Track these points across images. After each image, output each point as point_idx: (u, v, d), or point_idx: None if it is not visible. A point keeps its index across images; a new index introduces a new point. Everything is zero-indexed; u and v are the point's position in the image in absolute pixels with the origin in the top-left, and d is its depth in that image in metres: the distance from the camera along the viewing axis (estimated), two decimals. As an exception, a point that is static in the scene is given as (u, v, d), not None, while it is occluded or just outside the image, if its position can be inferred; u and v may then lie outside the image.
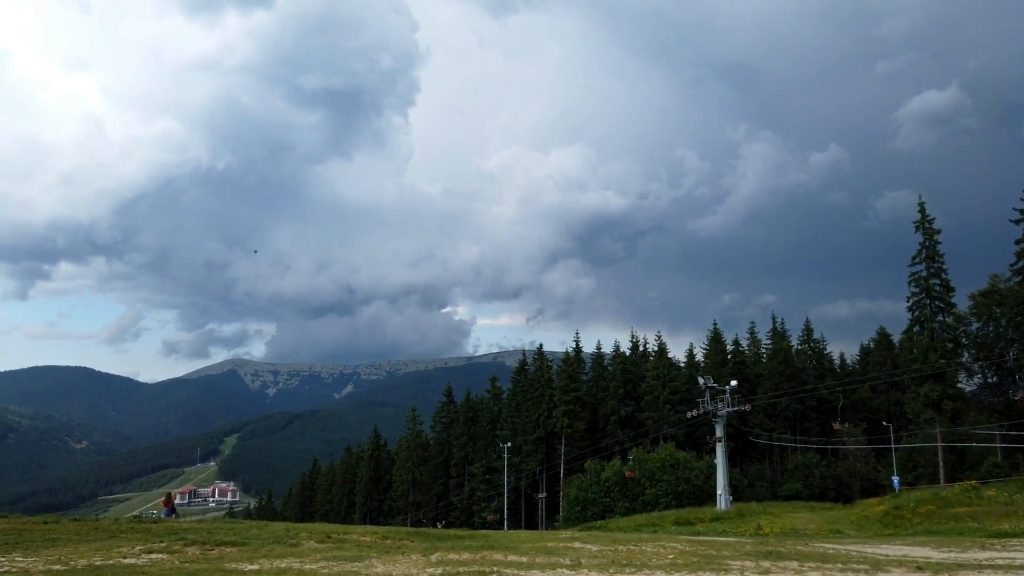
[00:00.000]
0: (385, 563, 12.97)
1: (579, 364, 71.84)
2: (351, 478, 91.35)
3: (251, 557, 13.08)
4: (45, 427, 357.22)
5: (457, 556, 14.26)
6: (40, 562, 11.24)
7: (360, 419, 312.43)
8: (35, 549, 12.90)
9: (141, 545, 13.75)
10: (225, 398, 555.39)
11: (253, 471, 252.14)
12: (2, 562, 11.24)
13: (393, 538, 17.95)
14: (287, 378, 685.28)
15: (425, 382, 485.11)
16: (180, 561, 12.27)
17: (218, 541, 14.87)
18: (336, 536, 17.52)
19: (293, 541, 15.83)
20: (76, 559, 11.66)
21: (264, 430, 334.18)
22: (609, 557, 15.04)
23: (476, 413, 76.83)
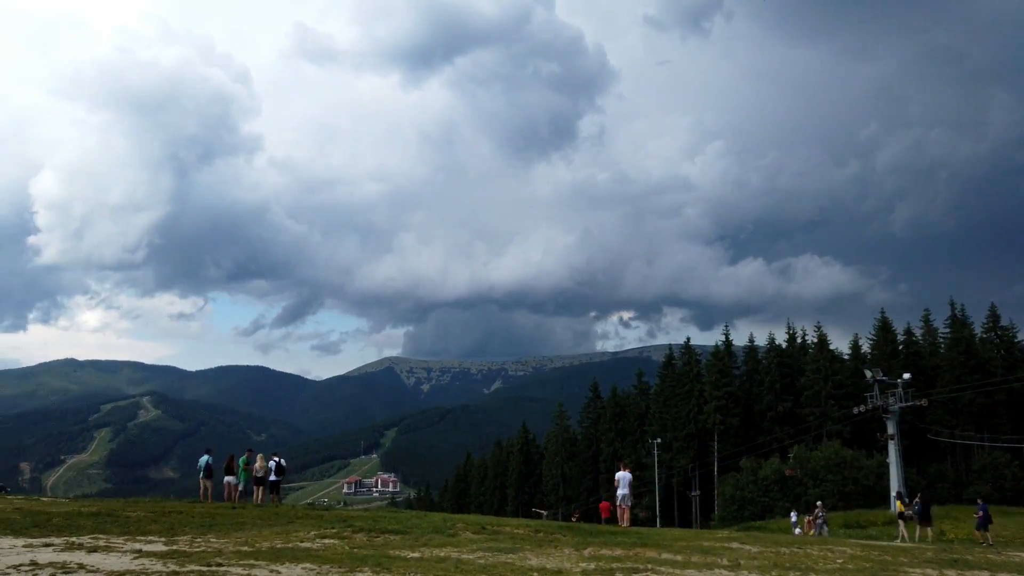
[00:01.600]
0: (538, 556, 13.12)
1: (730, 358, 69.07)
2: (502, 471, 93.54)
3: (412, 545, 13.71)
4: (230, 420, 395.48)
5: (610, 552, 14.16)
6: (230, 543, 12.42)
7: (509, 414, 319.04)
8: (225, 532, 14.29)
9: (315, 531, 14.83)
10: (384, 394, 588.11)
11: (411, 463, 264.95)
12: (199, 543, 12.55)
13: (545, 531, 18.14)
14: (439, 374, 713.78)
15: (571, 378, 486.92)
16: (350, 547, 13.10)
17: (382, 529, 15.72)
18: (491, 527, 17.97)
19: (451, 531, 16.41)
20: (260, 542, 12.78)
21: (420, 424, 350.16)
22: (771, 559, 14.31)
23: (623, 408, 76.06)
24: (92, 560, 9.87)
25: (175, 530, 14.24)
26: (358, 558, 11.39)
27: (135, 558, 10.27)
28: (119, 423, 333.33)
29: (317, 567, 10.19)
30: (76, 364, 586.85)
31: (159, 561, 10.03)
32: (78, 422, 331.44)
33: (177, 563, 9.88)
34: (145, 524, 15.02)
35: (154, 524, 15.16)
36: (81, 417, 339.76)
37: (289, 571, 9.74)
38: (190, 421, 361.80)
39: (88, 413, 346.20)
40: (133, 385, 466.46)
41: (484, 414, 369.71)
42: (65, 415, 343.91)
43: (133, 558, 10.26)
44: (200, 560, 10.24)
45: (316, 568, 10.12)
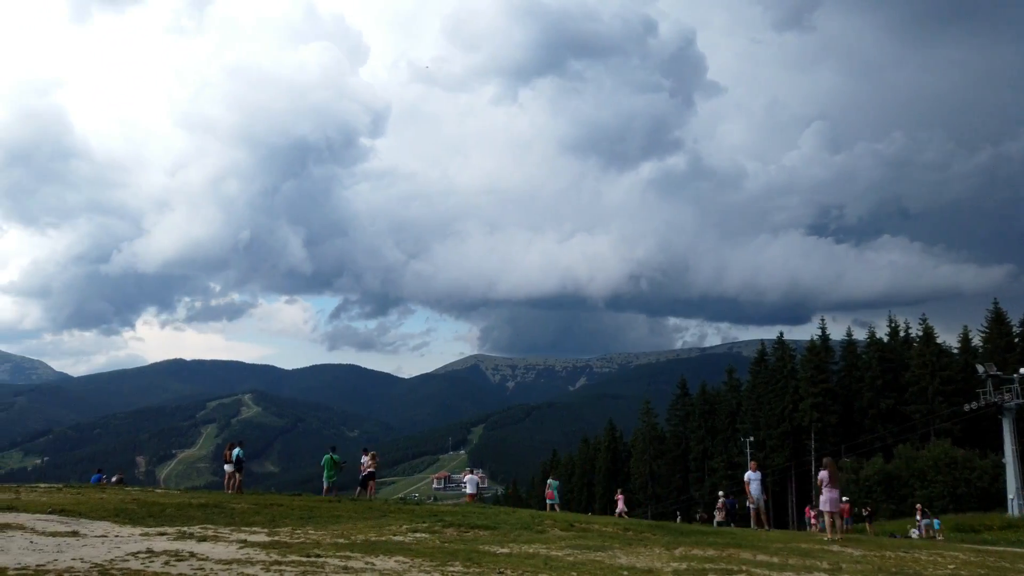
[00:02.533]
0: (628, 554, 12.96)
1: (827, 353, 66.15)
2: (589, 469, 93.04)
3: (502, 541, 13.82)
4: (325, 417, 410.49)
5: (702, 552, 13.83)
6: (327, 535, 12.88)
7: (594, 411, 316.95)
8: (323, 524, 14.83)
9: (407, 524, 15.18)
10: (470, 391, 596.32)
11: (498, 459, 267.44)
12: (299, 534, 13.07)
13: (635, 530, 17.91)
14: (524, 372, 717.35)
15: (658, 374, 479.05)
16: (440, 541, 13.33)
17: (472, 524, 15.92)
18: (579, 525, 17.90)
19: (539, 528, 16.44)
20: (355, 535, 13.19)
21: (506, 421, 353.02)
22: (875, 563, 13.61)
23: (713, 406, 74.19)
24: (202, 549, 10.45)
25: (276, 522, 14.89)
26: (449, 552, 11.57)
27: (240, 548, 10.80)
28: (224, 419, 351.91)
29: (410, 560, 10.42)
30: (184, 364, 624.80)
31: (262, 551, 10.51)
32: (187, 418, 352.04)
33: (279, 553, 10.33)
34: (249, 515, 15.79)
35: (257, 516, 15.92)
36: (190, 414, 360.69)
37: (383, 563, 10.00)
38: (288, 418, 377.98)
39: (196, 410, 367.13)
40: (235, 384, 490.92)
41: (569, 411, 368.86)
42: (175, 412, 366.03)
43: (239, 548, 10.80)
44: (300, 551, 10.67)
45: (409, 561, 10.34)
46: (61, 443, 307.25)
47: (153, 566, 8.83)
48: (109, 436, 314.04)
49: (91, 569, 8.37)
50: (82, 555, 9.35)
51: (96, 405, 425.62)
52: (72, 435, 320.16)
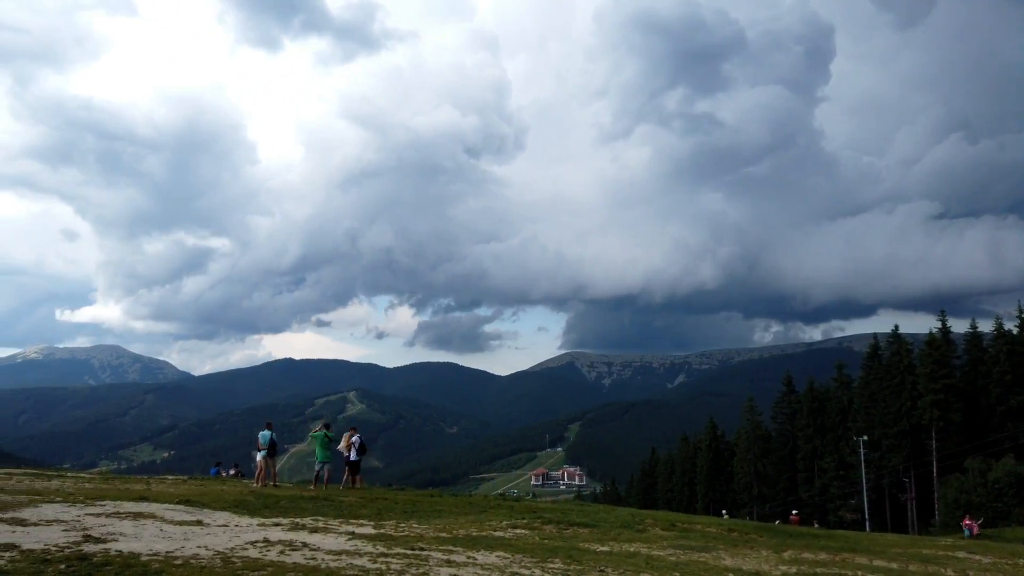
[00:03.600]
0: (733, 556, 12.58)
1: (948, 347, 61.73)
2: (690, 468, 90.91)
3: (601, 539, 13.72)
4: (425, 414, 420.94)
5: (813, 556, 13.23)
6: (430, 529, 13.19)
7: (694, 409, 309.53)
8: (426, 518, 15.20)
9: (507, 520, 15.33)
10: (565, 388, 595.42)
11: (596, 457, 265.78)
12: (403, 528, 13.45)
13: (740, 531, 17.36)
14: (620, 369, 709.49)
15: (761, 371, 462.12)
16: (540, 537, 13.38)
17: (571, 522, 15.90)
18: (681, 525, 17.52)
19: (639, 527, 16.22)
20: (456, 529, 13.44)
21: (603, 418, 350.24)
22: (1008, 573, 12.61)
23: (822, 403, 70.75)
24: (313, 540, 10.94)
25: (382, 515, 15.39)
26: (549, 549, 11.60)
27: (349, 539, 11.23)
28: (330, 416, 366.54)
29: (511, 556, 10.52)
30: (293, 364, 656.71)
31: (369, 543, 10.89)
32: (297, 415, 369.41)
33: (385, 545, 10.67)
34: (356, 509, 16.40)
35: (363, 509, 16.51)
36: (299, 411, 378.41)
37: (485, 558, 10.14)
38: (390, 414, 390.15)
39: (305, 407, 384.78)
40: (341, 382, 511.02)
41: (668, 409, 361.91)
42: (286, 409, 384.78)
43: (347, 539, 11.23)
44: (405, 544, 10.98)
45: (510, 556, 10.44)
46: (186, 438, 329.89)
47: (270, 555, 9.31)
48: (227, 432, 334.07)
49: (214, 556, 8.93)
50: (206, 543, 9.99)
51: (215, 403, 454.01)
52: (195, 430, 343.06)
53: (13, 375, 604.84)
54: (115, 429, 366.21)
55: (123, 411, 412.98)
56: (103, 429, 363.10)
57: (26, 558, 8.11)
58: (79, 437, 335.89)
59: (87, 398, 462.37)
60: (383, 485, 31.97)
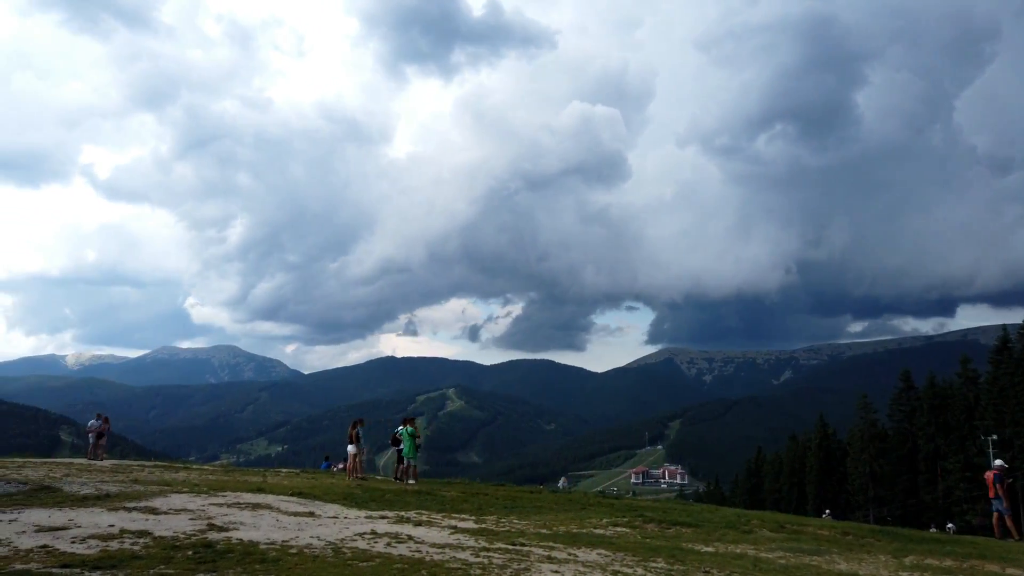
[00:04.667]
0: (848, 560, 11.96)
1: (1089, 338, 56.32)
2: (799, 468, 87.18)
3: (705, 539, 13.37)
4: (523, 411, 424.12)
5: (937, 562, 12.39)
6: (531, 525, 13.27)
7: (801, 406, 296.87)
8: (526, 514, 15.30)
9: (607, 518, 15.20)
10: (664, 385, 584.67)
11: (698, 455, 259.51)
12: (504, 523, 13.58)
13: (855, 534, 16.48)
14: (722, 365, 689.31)
15: (876, 365, 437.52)
16: (642, 536, 13.19)
17: (673, 521, 15.58)
18: (790, 526, 16.83)
19: (745, 527, 15.70)
20: (557, 525, 13.45)
21: (704, 416, 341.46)
22: None
23: (945, 400, 66.08)
24: (417, 532, 11.23)
25: (483, 510, 15.62)
26: (651, 548, 11.41)
27: (451, 533, 11.45)
28: (431, 412, 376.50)
29: (611, 553, 10.42)
30: (395, 361, 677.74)
31: (471, 537, 11.06)
32: (398, 411, 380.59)
33: (487, 540, 10.81)
34: (458, 503, 16.71)
35: (465, 503, 16.81)
36: (401, 407, 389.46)
37: (585, 555, 10.09)
38: (488, 411, 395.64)
39: (406, 404, 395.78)
40: (440, 379, 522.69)
41: (773, 406, 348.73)
42: (389, 405, 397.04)
43: (450, 533, 11.46)
44: (506, 539, 11.08)
45: (611, 554, 10.34)
46: (297, 433, 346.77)
47: (377, 546, 9.63)
48: (335, 427, 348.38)
49: (326, 547, 9.33)
50: (318, 534, 10.45)
51: (323, 399, 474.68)
52: (306, 426, 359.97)
53: (143, 374, 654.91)
54: (233, 424, 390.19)
55: (240, 407, 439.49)
56: (222, 424, 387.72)
57: (158, 544, 8.75)
58: (201, 432, 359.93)
59: (208, 395, 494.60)
60: (482, 480, 32.45)
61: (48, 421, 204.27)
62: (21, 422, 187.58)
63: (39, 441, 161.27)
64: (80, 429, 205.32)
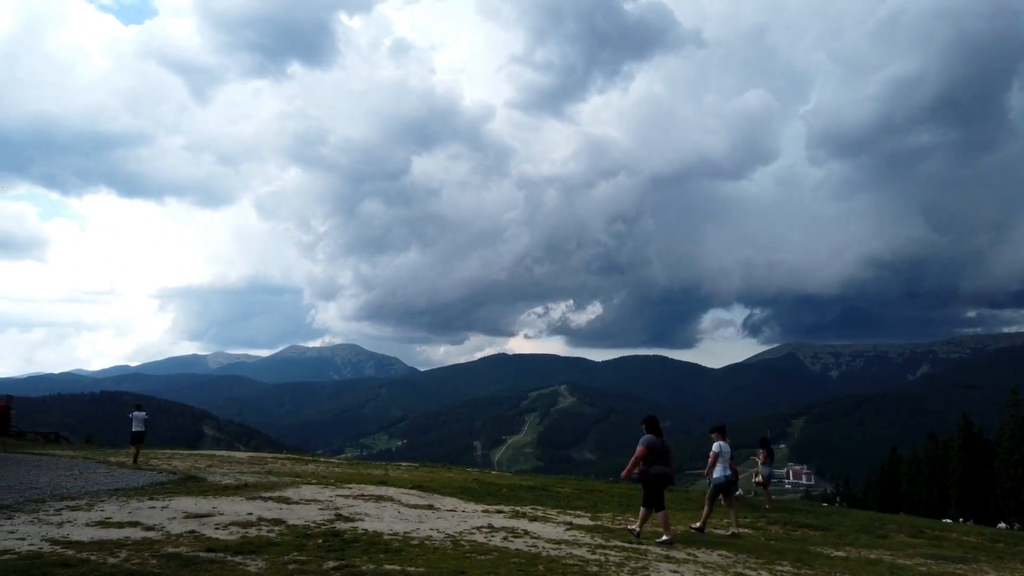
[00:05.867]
0: (999, 570, 11.00)
1: None
2: (939, 470, 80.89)
3: (836, 543, 12.69)
4: (636, 408, 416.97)
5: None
6: (648, 524, 13.04)
7: (941, 403, 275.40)
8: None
9: (726, 519, 14.73)
10: (786, 381, 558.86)
11: (824, 455, 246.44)
12: (620, 520, 13.43)
13: (1006, 542, 15.13)
14: (850, 359, 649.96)
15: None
16: (765, 538, 12.69)
17: (799, 523, 14.90)
18: (931, 532, 15.68)
19: (880, 532, 14.78)
20: (675, 525, 13.16)
21: (831, 413, 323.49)
22: None
23: (1111, 396, 59.45)
24: (533, 528, 11.32)
25: (598, 507, 15.55)
26: (776, 550, 10.95)
27: (567, 529, 11.47)
28: (543, 408, 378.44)
29: (733, 555, 10.08)
30: (507, 358, 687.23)
31: (587, 534, 11.03)
32: (511, 407, 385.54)
33: (603, 537, 10.75)
34: (573, 499, 16.72)
35: (580, 500, 16.79)
36: (514, 403, 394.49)
37: (706, 556, 9.82)
38: (601, 407, 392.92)
39: (518, 400, 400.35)
40: (551, 375, 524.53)
41: (909, 403, 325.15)
42: (502, 402, 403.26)
43: (565, 529, 11.48)
44: (622, 537, 10.98)
45: (732, 556, 10.02)
46: (415, 428, 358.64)
47: (494, 540, 9.80)
48: (451, 423, 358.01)
49: (445, 539, 9.59)
50: (437, 526, 10.76)
51: (439, 395, 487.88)
52: (423, 421, 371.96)
53: (274, 372, 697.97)
54: (356, 419, 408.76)
55: (362, 403, 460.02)
56: (346, 419, 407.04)
57: (291, 532, 9.32)
58: (327, 426, 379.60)
59: (332, 392, 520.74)
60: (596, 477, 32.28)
61: (193, 416, 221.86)
62: (169, 416, 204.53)
63: (185, 434, 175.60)
64: (220, 423, 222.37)
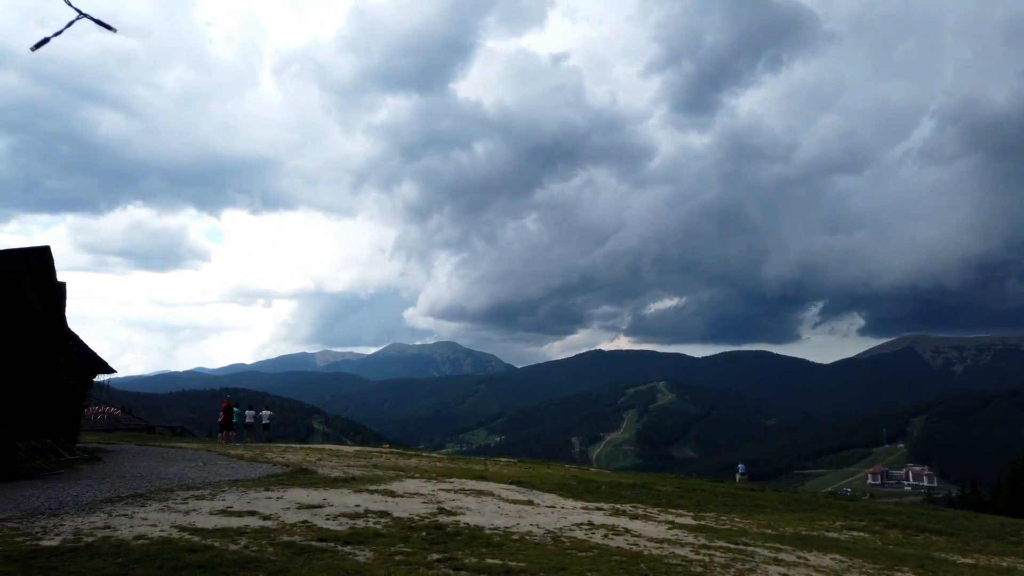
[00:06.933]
0: None
1: None
2: (1082, 472, 74.06)
3: (962, 549, 11.83)
4: (739, 405, 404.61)
5: None
6: (754, 524, 12.62)
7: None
8: (748, 512, 14.58)
9: (841, 521, 14.02)
10: (903, 377, 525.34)
11: (948, 455, 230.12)
12: (724, 520, 13.05)
13: None
14: (976, 353, 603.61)
15: None
16: (883, 542, 11.99)
17: (921, 527, 13.98)
18: (1074, 541, 14.32)
19: (1013, 538, 13.67)
20: (783, 526, 12.66)
21: (955, 411, 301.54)
22: None
23: None
24: (634, 526, 11.17)
25: (701, 506, 15.16)
26: (895, 556, 10.33)
27: (669, 528, 11.24)
28: (642, 405, 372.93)
29: (848, 560, 9.58)
30: (602, 355, 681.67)
31: (690, 534, 10.77)
32: (609, 404, 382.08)
33: (706, 537, 10.47)
34: (674, 498, 16.38)
35: (681, 499, 16.43)
36: (611, 400, 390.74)
37: (818, 560, 9.39)
38: (702, 404, 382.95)
39: (616, 397, 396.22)
40: (649, 372, 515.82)
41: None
42: (599, 399, 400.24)
43: (667, 528, 11.26)
44: (727, 537, 10.65)
45: (847, 561, 9.52)
46: (513, 424, 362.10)
47: (594, 537, 9.74)
48: (548, 419, 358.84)
49: (545, 535, 9.61)
50: (537, 522, 10.81)
51: (536, 392, 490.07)
52: (520, 417, 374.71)
53: (377, 369, 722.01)
54: (455, 415, 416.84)
55: (461, 399, 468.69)
56: (446, 415, 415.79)
57: (396, 524, 9.62)
58: (428, 422, 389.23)
59: (432, 388, 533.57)
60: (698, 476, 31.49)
61: (303, 411, 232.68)
62: (281, 412, 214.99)
63: (296, 429, 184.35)
64: (328, 418, 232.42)
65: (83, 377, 22.68)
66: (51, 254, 18.61)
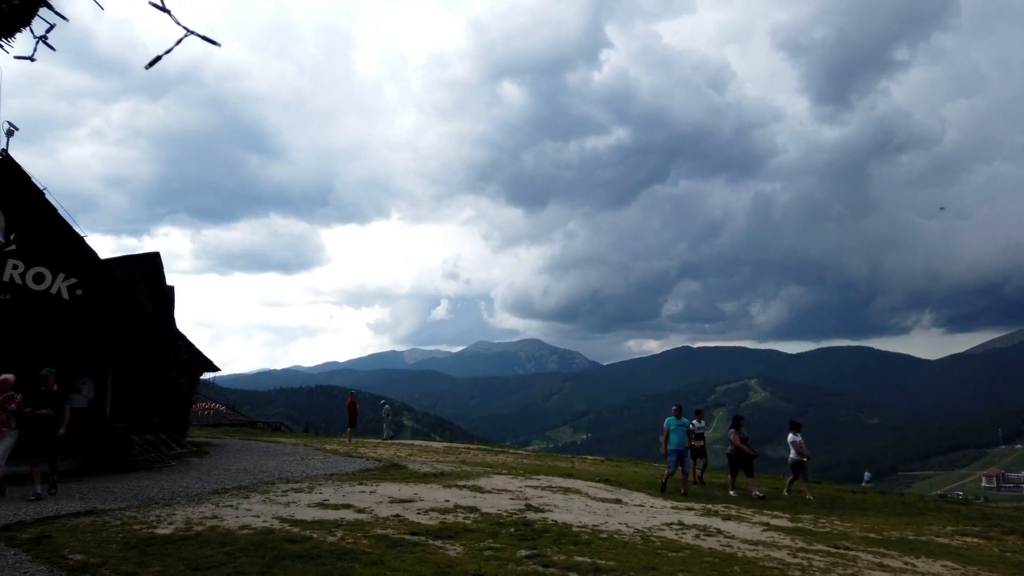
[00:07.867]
0: None
1: None
2: None
3: (1093, 561, 10.89)
4: (837, 403, 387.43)
5: None
6: (856, 528, 12.04)
7: None
8: (849, 515, 13.92)
9: (951, 526, 13.19)
10: (1019, 373, 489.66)
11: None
12: (823, 523, 12.51)
13: None
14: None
15: None
16: (999, 549, 11.20)
17: (1044, 535, 12.96)
18: None
19: None
20: (888, 531, 12.01)
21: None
22: None
23: None
24: (726, 527, 10.87)
25: (797, 508, 14.60)
26: (1014, 564, 9.63)
27: (764, 530, 10.88)
28: (733, 403, 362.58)
29: (961, 567, 9.00)
30: (691, 352, 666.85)
31: (787, 536, 10.39)
32: (698, 402, 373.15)
33: (804, 540, 10.07)
34: (769, 499, 15.85)
35: (777, 500, 15.89)
36: (700, 398, 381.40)
37: (926, 566, 8.86)
38: (797, 402, 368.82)
39: (706, 395, 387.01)
40: (740, 369, 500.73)
41: None
42: (688, 396, 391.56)
43: (762, 530, 10.90)
44: (826, 540, 10.21)
45: (960, 568, 8.94)
46: (599, 421, 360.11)
47: (685, 537, 9.54)
48: (635, 417, 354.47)
49: (634, 534, 9.50)
50: (626, 520, 10.69)
51: (622, 389, 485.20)
52: (607, 415, 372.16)
53: (464, 366, 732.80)
54: (541, 412, 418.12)
55: (546, 396, 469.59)
56: (531, 412, 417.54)
57: (485, 520, 9.75)
58: (514, 419, 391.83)
59: (518, 385, 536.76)
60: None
61: (394, 408, 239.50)
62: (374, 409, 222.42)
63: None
64: (418, 415, 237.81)
65: (191, 375, 24.15)
66: (160, 260, 19.87)
